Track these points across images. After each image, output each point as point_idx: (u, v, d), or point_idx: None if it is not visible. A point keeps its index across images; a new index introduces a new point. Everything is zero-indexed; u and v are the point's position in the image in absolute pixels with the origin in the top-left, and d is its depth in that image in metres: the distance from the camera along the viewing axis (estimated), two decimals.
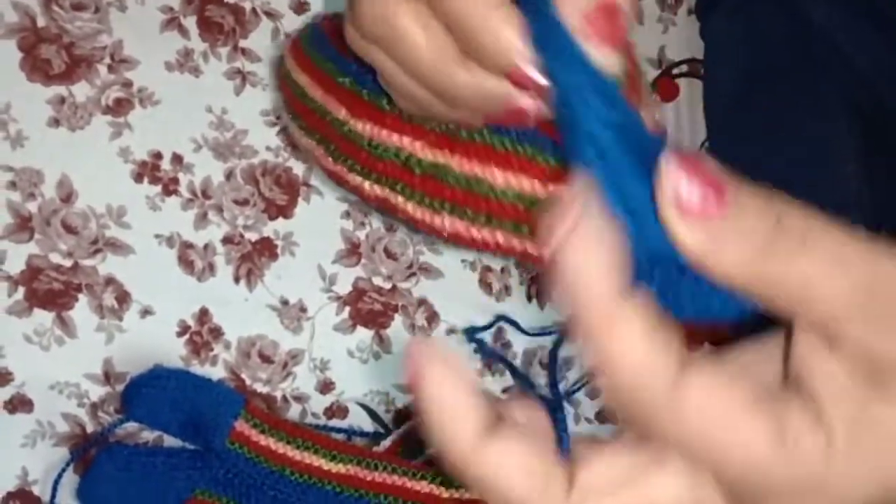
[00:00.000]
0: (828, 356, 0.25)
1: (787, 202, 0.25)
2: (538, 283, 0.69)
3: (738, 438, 0.25)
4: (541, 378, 0.69)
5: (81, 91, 0.62)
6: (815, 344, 0.26)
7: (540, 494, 0.27)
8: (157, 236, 0.63)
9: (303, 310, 0.65)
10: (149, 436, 0.63)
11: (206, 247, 0.64)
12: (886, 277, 0.25)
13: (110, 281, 0.62)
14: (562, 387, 0.70)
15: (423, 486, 0.62)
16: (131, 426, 0.62)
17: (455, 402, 0.27)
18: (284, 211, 0.65)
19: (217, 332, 0.64)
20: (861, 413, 0.25)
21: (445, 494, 0.62)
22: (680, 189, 0.24)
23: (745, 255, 0.24)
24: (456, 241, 0.41)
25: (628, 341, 0.25)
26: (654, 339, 0.25)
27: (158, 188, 0.63)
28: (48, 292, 0.62)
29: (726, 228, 0.24)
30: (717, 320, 0.26)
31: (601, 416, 0.70)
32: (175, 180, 0.64)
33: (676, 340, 0.25)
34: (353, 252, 0.66)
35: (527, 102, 0.32)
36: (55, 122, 0.62)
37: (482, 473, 0.27)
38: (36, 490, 0.61)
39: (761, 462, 0.25)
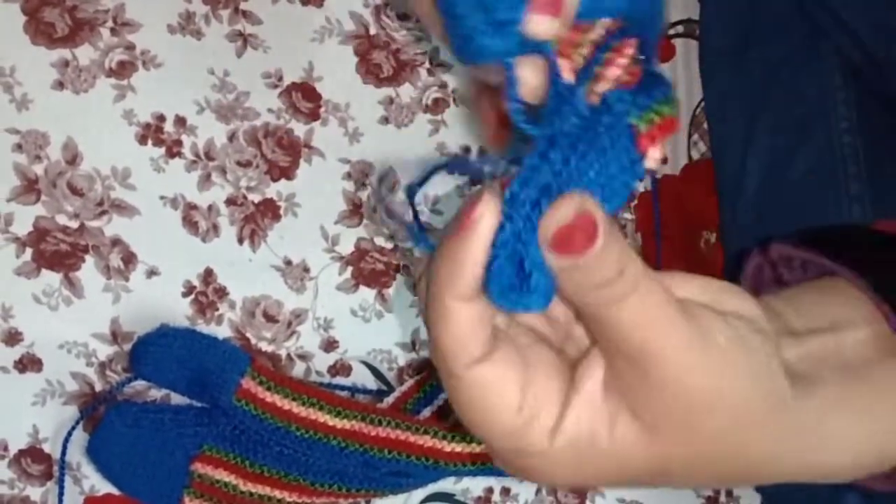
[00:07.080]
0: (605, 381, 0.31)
1: (636, 257, 0.29)
2: None
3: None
4: None
5: (85, 54, 0.63)
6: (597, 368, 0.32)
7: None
8: (161, 198, 0.64)
9: (306, 270, 0.66)
10: (156, 394, 0.64)
11: (209, 208, 0.65)
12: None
13: (116, 242, 0.63)
14: None
15: (427, 441, 0.63)
16: (139, 384, 0.63)
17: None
18: (287, 172, 0.66)
19: (222, 292, 0.65)
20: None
21: (448, 448, 0.63)
22: (554, 228, 0.28)
23: (582, 291, 0.29)
24: None
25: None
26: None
27: (162, 150, 0.64)
28: (55, 253, 0.62)
29: (578, 266, 0.28)
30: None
31: None
32: (178, 142, 0.64)
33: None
34: (354, 213, 0.67)
35: None
36: (59, 85, 0.63)
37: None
38: (46, 447, 0.62)
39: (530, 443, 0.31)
